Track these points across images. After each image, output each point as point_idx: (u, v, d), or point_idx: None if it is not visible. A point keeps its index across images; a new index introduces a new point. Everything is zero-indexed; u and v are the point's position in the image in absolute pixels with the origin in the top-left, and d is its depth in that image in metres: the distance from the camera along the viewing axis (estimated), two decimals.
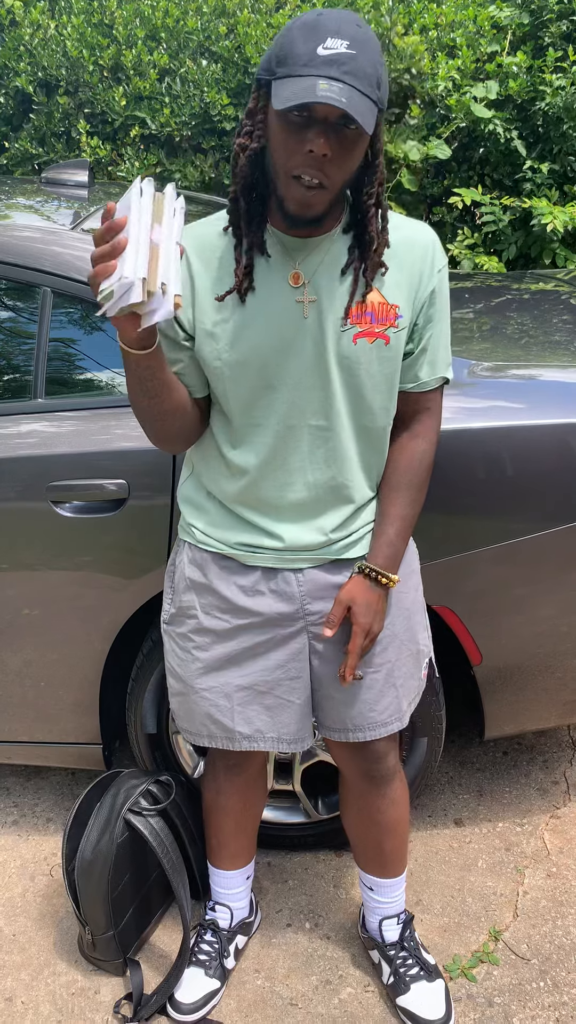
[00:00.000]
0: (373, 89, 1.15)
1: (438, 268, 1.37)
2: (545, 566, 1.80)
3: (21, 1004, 1.80)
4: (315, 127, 1.15)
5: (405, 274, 1.35)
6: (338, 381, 1.35)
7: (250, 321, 1.32)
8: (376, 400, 1.39)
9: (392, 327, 1.34)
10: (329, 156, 1.16)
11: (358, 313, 1.32)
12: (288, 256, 1.31)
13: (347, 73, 1.12)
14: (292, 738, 1.56)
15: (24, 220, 1.97)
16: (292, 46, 1.14)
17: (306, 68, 1.12)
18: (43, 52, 3.97)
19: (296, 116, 1.15)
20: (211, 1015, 1.76)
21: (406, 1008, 1.72)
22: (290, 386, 1.35)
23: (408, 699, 1.58)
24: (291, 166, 1.18)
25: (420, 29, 3.83)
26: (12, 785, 2.43)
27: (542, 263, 3.84)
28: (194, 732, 1.59)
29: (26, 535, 1.85)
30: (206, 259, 1.33)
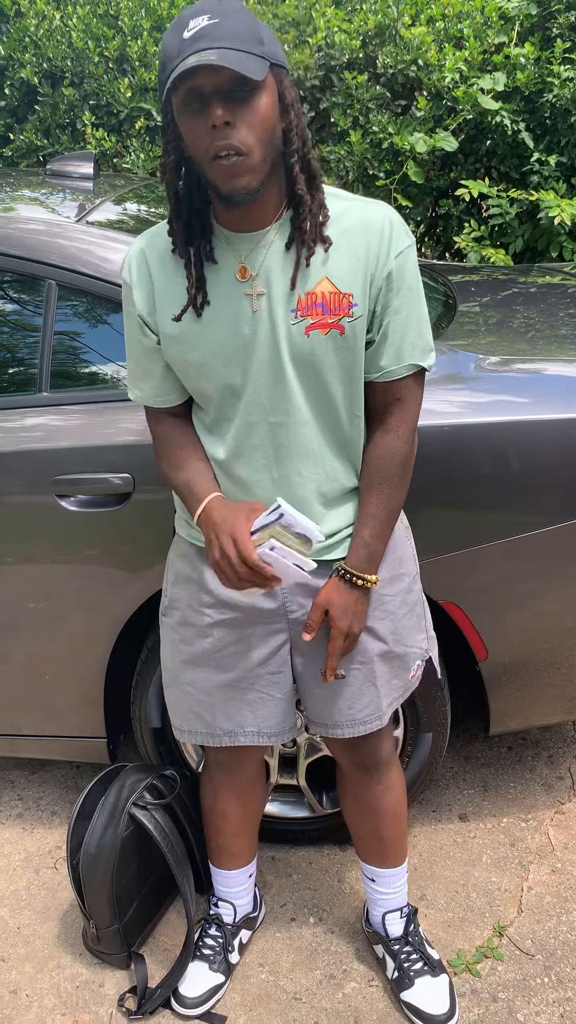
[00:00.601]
0: (249, 44, 1.15)
1: (397, 251, 1.30)
2: (551, 561, 1.80)
3: (26, 997, 1.81)
4: (208, 103, 1.16)
5: (360, 259, 1.29)
6: (293, 375, 1.33)
7: (206, 322, 1.32)
8: (338, 392, 1.36)
9: (346, 316, 1.30)
10: (232, 123, 1.16)
11: (308, 304, 1.29)
12: (234, 251, 1.31)
13: (216, 39, 1.14)
14: (273, 731, 1.56)
15: (29, 212, 1.96)
16: (166, 47, 1.18)
17: (179, 55, 1.15)
18: (48, 43, 3.96)
19: (192, 104, 1.17)
20: (215, 1009, 1.76)
21: (410, 1003, 1.72)
22: (250, 383, 1.34)
23: (389, 699, 1.56)
24: (205, 149, 1.18)
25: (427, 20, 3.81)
26: (17, 778, 2.44)
27: (549, 256, 3.82)
28: (179, 727, 1.61)
29: (31, 529, 1.84)
30: (163, 265, 1.35)
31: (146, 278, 1.36)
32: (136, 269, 1.36)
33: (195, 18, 1.15)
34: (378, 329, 1.34)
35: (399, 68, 3.70)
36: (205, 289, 1.31)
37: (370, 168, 3.77)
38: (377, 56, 3.72)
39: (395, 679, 1.56)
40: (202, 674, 1.54)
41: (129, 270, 1.37)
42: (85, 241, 1.86)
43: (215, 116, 1.15)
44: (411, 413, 1.41)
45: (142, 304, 1.36)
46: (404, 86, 3.81)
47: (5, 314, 1.91)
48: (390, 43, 3.73)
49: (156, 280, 1.35)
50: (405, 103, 3.83)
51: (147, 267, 1.35)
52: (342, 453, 1.42)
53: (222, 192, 1.21)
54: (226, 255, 1.31)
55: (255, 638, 1.50)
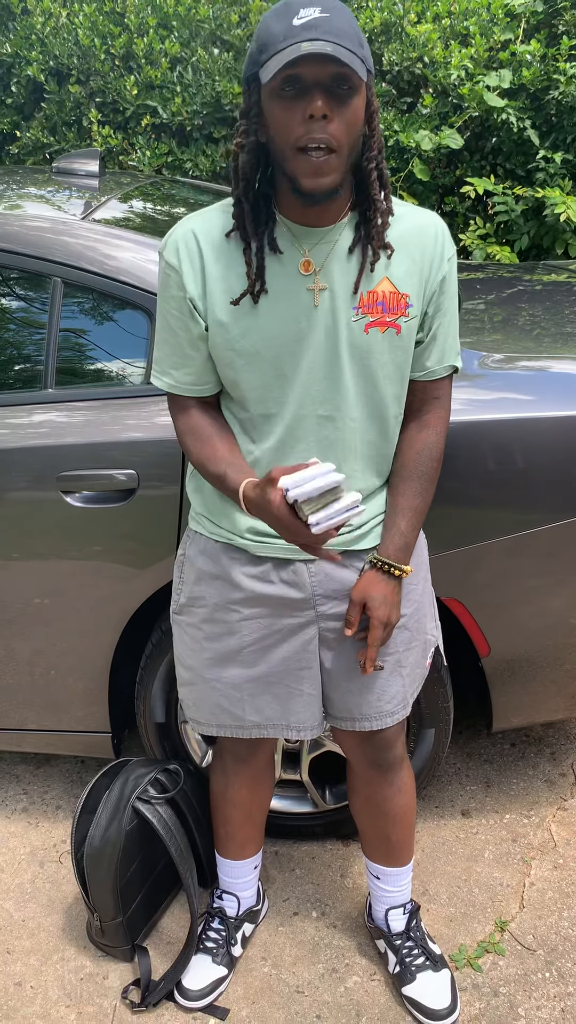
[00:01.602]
0: (356, 46, 1.16)
1: (448, 256, 1.37)
2: (554, 558, 1.80)
3: (30, 989, 1.82)
4: (309, 92, 1.16)
5: (416, 263, 1.34)
6: (350, 371, 1.35)
7: (263, 311, 1.32)
8: (388, 389, 1.39)
9: (403, 316, 1.34)
10: (329, 116, 1.16)
11: (369, 303, 1.32)
12: (298, 245, 1.31)
13: (327, 32, 1.14)
14: (302, 725, 1.56)
15: (35, 210, 1.97)
16: (269, 29, 1.17)
17: (286, 40, 1.14)
18: (55, 41, 3.96)
19: (289, 90, 1.16)
20: (218, 1002, 1.77)
21: (412, 997, 1.73)
22: (302, 375, 1.35)
23: (413, 688, 1.59)
24: (295, 138, 1.18)
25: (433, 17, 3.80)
26: (22, 773, 2.45)
27: (555, 253, 3.82)
28: (203, 722, 1.60)
29: (36, 524, 1.86)
30: (217, 250, 1.33)
31: (198, 261, 1.33)
32: (185, 252, 1.33)
33: (306, 8, 1.15)
34: (428, 331, 1.40)
35: (405, 65, 3.70)
36: (264, 277, 1.31)
37: None
38: (383, 53, 3.72)
39: (417, 667, 1.59)
40: (231, 670, 1.53)
41: (176, 253, 1.33)
42: (91, 239, 1.87)
43: (315, 107, 1.15)
44: (446, 411, 1.48)
45: (193, 288, 1.33)
46: (410, 83, 3.81)
47: (11, 311, 1.92)
48: (396, 40, 3.73)
49: (209, 264, 1.33)
50: (411, 100, 3.83)
51: (199, 250, 1.33)
52: (380, 450, 1.44)
53: (304, 187, 1.21)
54: (290, 247, 1.31)
55: (284, 633, 1.50)
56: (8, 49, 4.06)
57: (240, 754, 1.69)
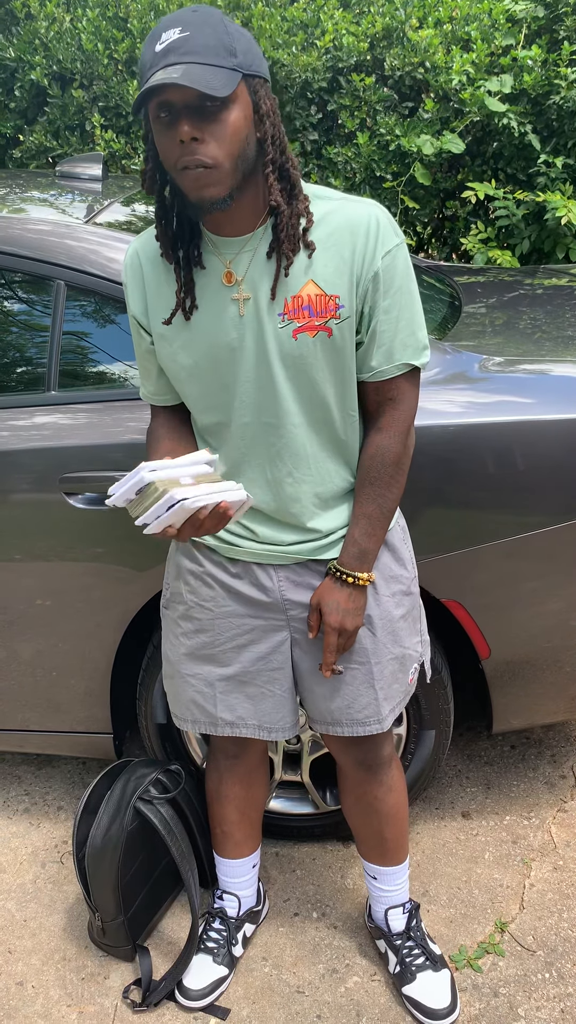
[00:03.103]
0: (220, 57, 1.16)
1: (384, 250, 1.29)
2: (554, 560, 1.81)
3: (32, 988, 1.83)
4: (179, 118, 1.17)
5: (346, 261, 1.29)
6: (283, 377, 1.34)
7: (195, 324, 1.35)
8: (330, 393, 1.36)
9: (333, 318, 1.30)
10: (200, 138, 1.17)
11: (295, 308, 1.30)
12: (220, 256, 1.32)
13: (184, 54, 1.14)
14: (274, 727, 1.58)
15: (39, 213, 1.99)
16: (142, 59, 1.20)
17: (150, 69, 1.16)
18: (58, 45, 3.98)
19: (164, 116, 1.18)
20: (219, 1001, 1.78)
21: (412, 997, 1.73)
22: (240, 384, 1.36)
23: (391, 704, 1.57)
24: (173, 161, 1.20)
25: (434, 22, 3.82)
26: (23, 773, 2.46)
27: (555, 257, 3.83)
28: (180, 716, 1.64)
29: (39, 526, 1.87)
30: (155, 267, 1.37)
31: (139, 279, 1.39)
32: (131, 271, 1.40)
33: (167, 30, 1.16)
34: (367, 330, 1.34)
35: (406, 70, 3.72)
36: (194, 293, 1.33)
37: (377, 170, 3.79)
38: (385, 58, 3.74)
39: (395, 683, 1.57)
40: (203, 667, 1.56)
41: (125, 272, 1.41)
42: (94, 242, 1.89)
43: (182, 132, 1.16)
44: (404, 412, 1.41)
45: (135, 305, 1.40)
46: (411, 88, 3.82)
47: (14, 314, 1.93)
48: (397, 45, 3.75)
49: (148, 282, 1.38)
50: (412, 105, 3.85)
51: (140, 269, 1.39)
52: (337, 454, 1.43)
53: (191, 200, 1.23)
54: (212, 259, 1.33)
55: (256, 633, 1.52)
56: (12, 53, 4.08)
57: (230, 751, 1.71)
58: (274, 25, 3.76)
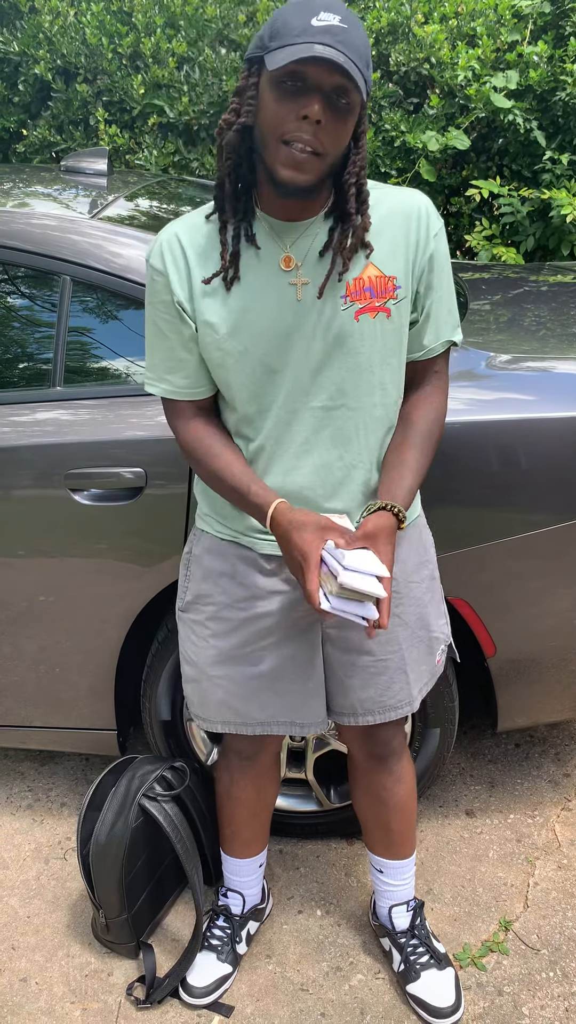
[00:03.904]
0: (364, 66, 1.18)
1: (434, 232, 1.36)
2: (560, 559, 1.80)
3: (35, 985, 1.83)
4: (310, 93, 1.17)
5: (400, 243, 1.34)
6: (344, 360, 1.35)
7: (247, 308, 1.32)
8: (386, 375, 1.38)
9: (391, 299, 1.34)
10: (322, 123, 1.18)
11: (357, 290, 1.32)
12: (278, 240, 1.31)
13: (341, 42, 1.15)
14: (307, 722, 1.57)
15: (45, 208, 1.98)
16: (285, 20, 1.17)
17: (301, 36, 1.15)
18: (62, 40, 3.97)
19: (290, 83, 1.17)
20: (222, 999, 1.78)
21: (416, 995, 1.73)
22: (292, 369, 1.35)
23: (419, 685, 1.59)
24: (283, 131, 1.19)
25: (440, 18, 3.81)
26: (27, 770, 2.46)
27: (560, 254, 3.82)
28: (207, 719, 1.61)
29: (44, 522, 1.86)
30: (198, 248, 1.34)
31: (182, 264, 1.34)
32: (170, 255, 1.34)
33: (327, 12, 1.16)
34: (421, 310, 1.39)
35: (412, 66, 3.70)
36: (238, 264, 1.31)
37: (382, 166, 3.78)
38: (390, 54, 3.72)
39: (423, 664, 1.58)
40: (236, 667, 1.54)
41: (161, 257, 1.35)
42: (100, 237, 1.88)
43: (312, 110, 1.16)
44: (446, 382, 1.48)
45: (180, 291, 1.34)
46: (417, 84, 3.81)
47: (20, 309, 1.93)
48: (403, 41, 3.73)
49: (193, 266, 1.34)
50: (418, 101, 3.84)
51: (183, 254, 1.34)
52: (382, 435, 1.43)
53: (279, 176, 1.21)
54: (269, 243, 1.32)
55: (289, 630, 1.51)
56: (16, 48, 4.07)
57: (245, 752, 1.70)
58: None
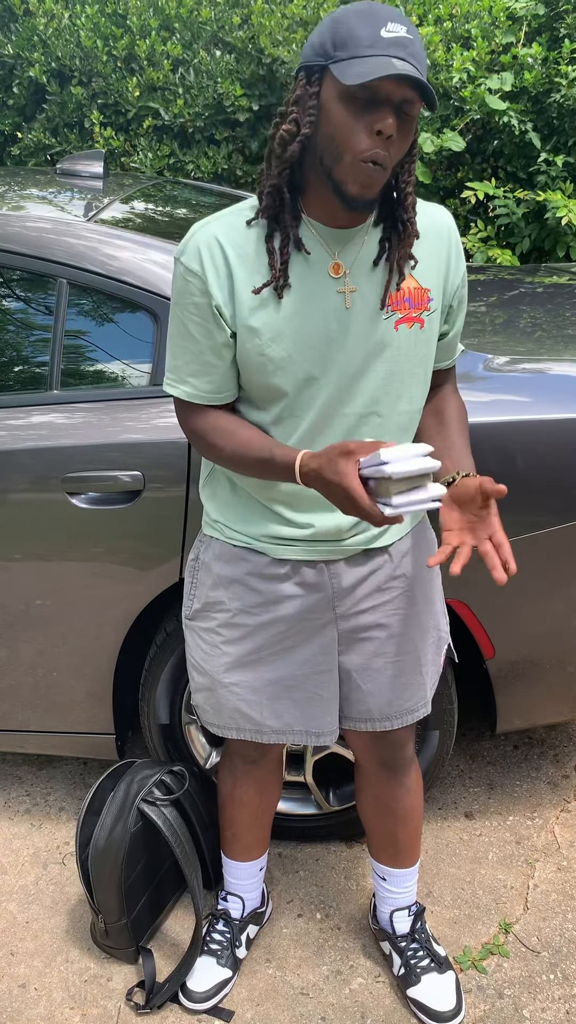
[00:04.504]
0: (425, 73, 1.18)
1: (461, 249, 1.42)
2: (559, 561, 1.80)
3: (34, 991, 1.82)
4: (382, 107, 1.15)
5: (435, 258, 1.37)
6: (380, 368, 1.35)
7: (294, 315, 1.30)
8: (414, 384, 1.40)
9: (426, 311, 1.36)
10: (393, 137, 1.17)
11: (397, 300, 1.34)
12: (327, 248, 1.30)
13: (411, 55, 1.14)
14: (322, 731, 1.55)
15: (41, 211, 1.97)
16: (351, 30, 1.15)
17: (372, 49, 1.13)
18: (57, 42, 3.96)
19: (362, 96, 1.15)
20: (222, 1004, 1.77)
21: (417, 999, 1.73)
22: (333, 377, 1.33)
23: (431, 684, 1.59)
24: (360, 149, 1.17)
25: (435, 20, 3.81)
26: (24, 774, 2.45)
27: (556, 256, 3.83)
28: (222, 726, 1.59)
29: (42, 526, 1.86)
30: (240, 252, 1.30)
31: (223, 267, 1.29)
32: (208, 257, 1.29)
33: (394, 23, 1.15)
34: (453, 323, 1.45)
35: None
36: (288, 271, 1.29)
37: None
38: None
39: (433, 665, 1.59)
40: (249, 674, 1.52)
41: (198, 258, 1.29)
42: (96, 240, 1.87)
43: (387, 124, 1.15)
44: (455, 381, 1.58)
45: (219, 294, 1.29)
46: None
47: (16, 312, 1.92)
48: None
49: (235, 269, 1.29)
50: None
51: (223, 255, 1.29)
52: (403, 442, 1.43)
53: (350, 192, 1.20)
54: (318, 249, 1.30)
55: (304, 635, 1.49)
56: (10, 50, 4.07)
57: (249, 756, 1.69)
58: (274, 22, 3.75)
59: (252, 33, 3.81)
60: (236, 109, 3.87)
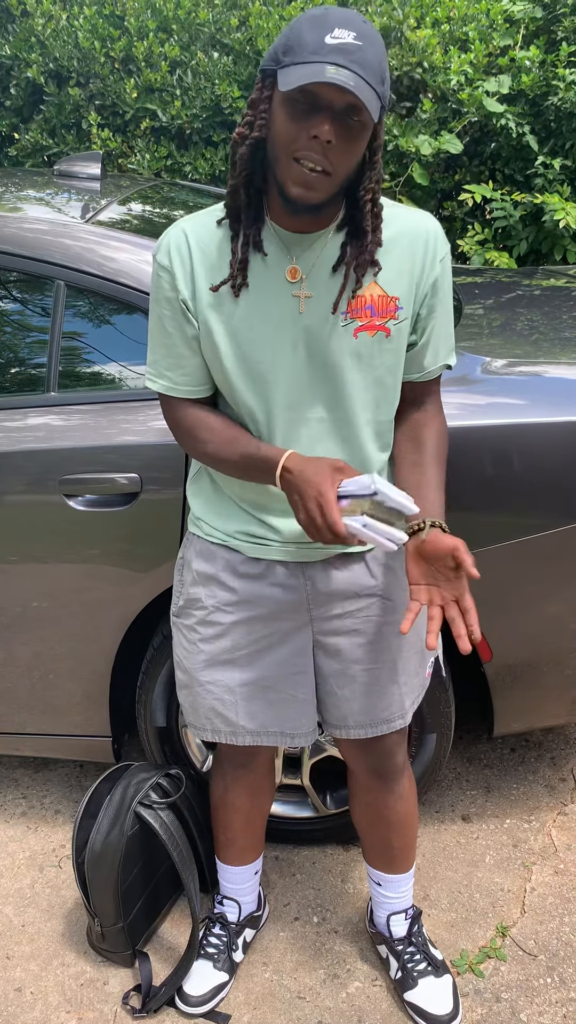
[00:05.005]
0: (378, 83, 1.16)
1: (440, 257, 1.36)
2: (556, 563, 1.80)
3: (30, 994, 1.81)
4: (320, 113, 1.16)
5: (407, 265, 1.34)
6: (339, 375, 1.35)
7: (247, 315, 1.32)
8: (380, 393, 1.38)
9: (392, 319, 1.34)
10: (333, 143, 1.17)
11: (358, 307, 1.32)
12: (285, 251, 1.31)
13: (354, 62, 1.13)
14: (297, 732, 1.56)
15: (37, 212, 1.97)
16: (299, 36, 1.16)
17: (314, 55, 1.13)
18: (55, 43, 3.96)
19: (302, 101, 1.16)
20: (219, 1008, 1.77)
21: (414, 1003, 1.72)
22: (288, 380, 1.34)
23: (412, 697, 1.58)
24: (293, 148, 1.18)
25: (432, 22, 3.81)
26: (20, 777, 2.44)
27: (553, 259, 3.83)
28: (199, 727, 1.60)
29: (39, 528, 1.85)
30: (205, 250, 1.33)
31: (187, 262, 1.33)
32: (176, 253, 1.33)
33: (341, 27, 1.14)
34: (422, 332, 1.40)
35: (404, 70, 3.71)
36: (247, 271, 1.31)
37: None
38: None
39: (416, 677, 1.57)
40: (224, 673, 1.53)
41: (168, 254, 1.34)
42: (93, 241, 1.87)
43: (323, 131, 1.14)
44: (440, 400, 1.51)
45: (184, 289, 1.33)
46: (409, 88, 3.81)
47: (13, 314, 1.92)
48: (395, 45, 3.74)
49: (197, 266, 1.33)
50: (410, 105, 3.84)
51: (189, 253, 1.33)
52: (374, 450, 1.43)
53: (288, 193, 1.21)
54: (277, 252, 1.31)
55: (278, 636, 1.50)
56: (8, 51, 4.06)
57: (239, 759, 1.69)
58: (271, 24, 3.75)
59: (250, 35, 3.81)
60: (233, 111, 3.87)
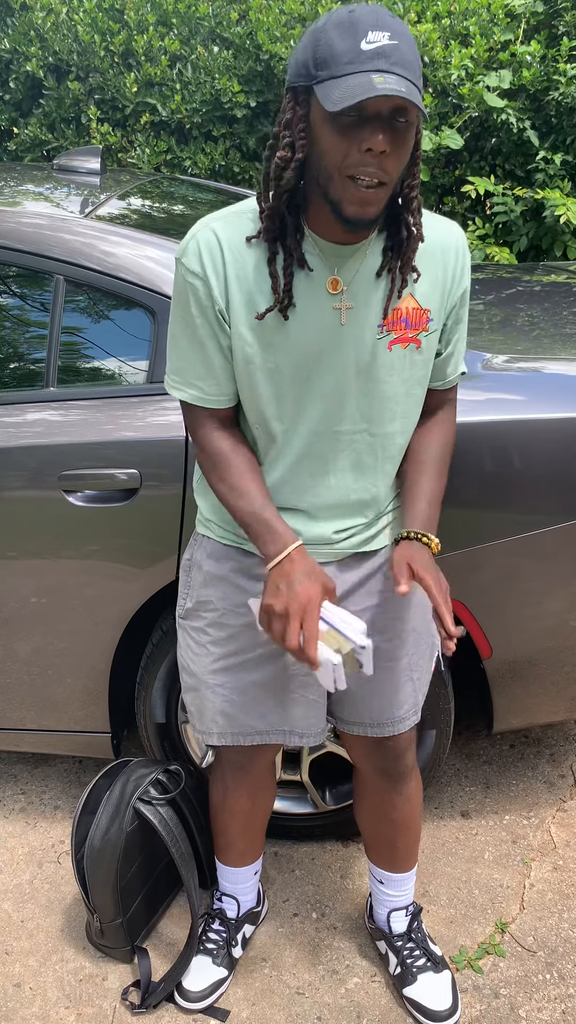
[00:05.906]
0: (417, 76, 1.11)
1: (467, 267, 1.37)
2: (556, 560, 1.80)
3: (29, 990, 1.81)
4: (369, 124, 1.10)
5: (439, 278, 1.33)
6: (372, 388, 1.33)
7: (287, 327, 1.28)
8: (409, 404, 1.38)
9: (424, 331, 1.33)
10: (387, 152, 1.11)
11: (393, 320, 1.30)
12: (326, 262, 1.27)
13: (395, 64, 1.08)
14: (306, 731, 1.55)
15: (36, 207, 1.96)
16: (331, 45, 1.09)
17: (351, 65, 1.08)
18: (54, 37, 3.95)
19: (349, 116, 1.10)
20: (218, 1003, 1.77)
21: (413, 999, 1.72)
22: (323, 392, 1.32)
23: (423, 692, 1.58)
24: (347, 166, 1.12)
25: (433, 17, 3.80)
26: (19, 772, 2.44)
27: (553, 255, 3.82)
28: (205, 730, 1.58)
29: (38, 524, 1.85)
30: (239, 260, 1.27)
31: (220, 267, 1.26)
32: (209, 259, 1.26)
33: (374, 30, 1.08)
34: (447, 343, 1.41)
35: None
36: (292, 292, 1.26)
37: None
38: None
39: (425, 673, 1.58)
40: (235, 675, 1.52)
41: (199, 259, 1.26)
42: (93, 236, 1.86)
43: (377, 142, 1.09)
44: (455, 408, 1.53)
45: (221, 299, 1.27)
46: None
47: (13, 309, 1.91)
48: None
49: (231, 274, 1.26)
50: None
51: (222, 257, 1.26)
52: (396, 460, 1.43)
53: (345, 212, 1.16)
54: (318, 264, 1.27)
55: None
56: (7, 44, 4.05)
57: (239, 762, 1.68)
58: (272, 18, 3.74)
59: (250, 29, 3.80)
60: (234, 105, 3.86)
